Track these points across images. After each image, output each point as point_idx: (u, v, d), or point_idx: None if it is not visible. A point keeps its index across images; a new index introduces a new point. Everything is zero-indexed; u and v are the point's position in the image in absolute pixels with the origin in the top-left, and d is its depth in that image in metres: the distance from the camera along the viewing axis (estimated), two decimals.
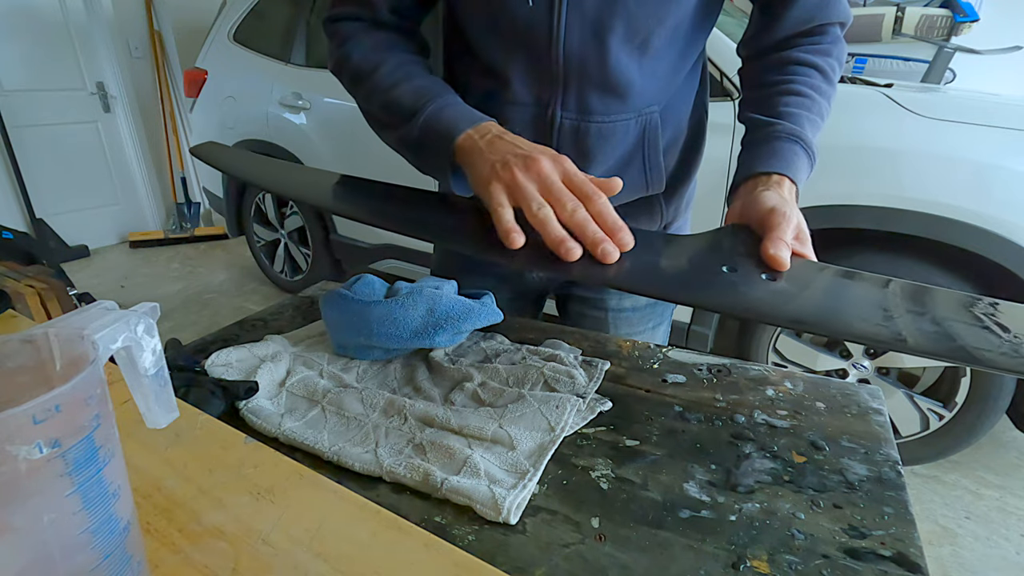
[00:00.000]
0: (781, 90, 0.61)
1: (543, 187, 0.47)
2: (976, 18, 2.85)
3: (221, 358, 0.58)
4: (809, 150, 0.59)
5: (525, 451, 0.46)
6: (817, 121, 0.60)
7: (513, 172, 0.47)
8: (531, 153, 0.49)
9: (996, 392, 1.44)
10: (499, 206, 0.48)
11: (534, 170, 0.47)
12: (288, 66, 2.43)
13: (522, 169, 0.47)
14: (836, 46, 0.63)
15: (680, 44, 0.63)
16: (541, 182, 0.47)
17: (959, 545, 1.41)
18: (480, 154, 0.52)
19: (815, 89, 0.61)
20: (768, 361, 1.69)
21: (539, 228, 0.46)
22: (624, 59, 0.60)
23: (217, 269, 3.37)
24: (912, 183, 1.35)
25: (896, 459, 0.47)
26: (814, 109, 0.60)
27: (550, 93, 0.63)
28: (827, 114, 0.62)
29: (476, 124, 0.54)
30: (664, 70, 0.63)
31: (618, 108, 0.63)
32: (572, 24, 0.58)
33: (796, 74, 0.62)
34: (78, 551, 0.24)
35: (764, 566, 0.36)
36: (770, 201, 0.53)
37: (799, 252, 0.51)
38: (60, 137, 3.48)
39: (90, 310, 0.29)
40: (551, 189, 0.47)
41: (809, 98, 0.60)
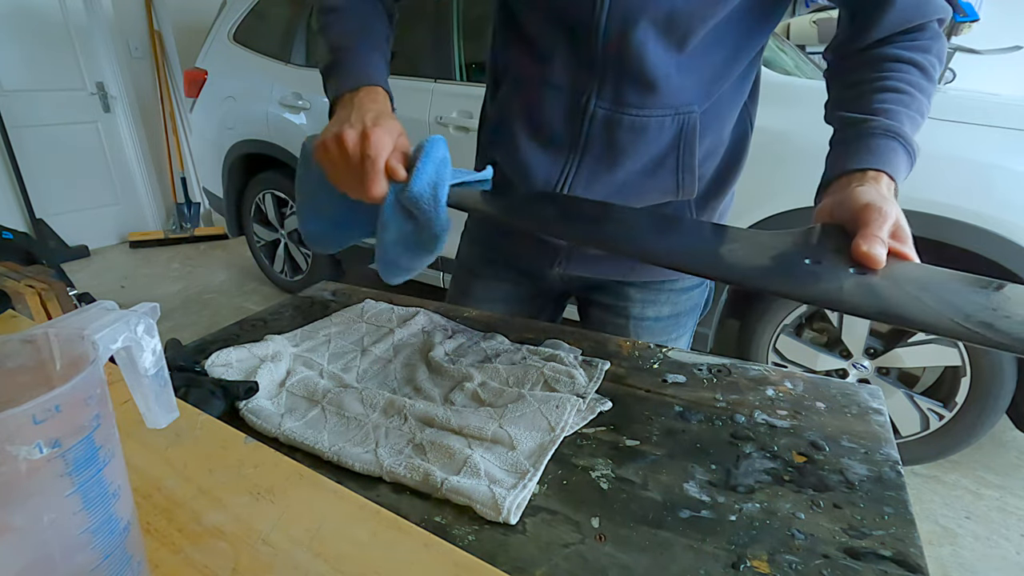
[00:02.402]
0: (876, 87, 0.57)
1: (344, 159, 0.54)
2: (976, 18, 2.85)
3: (221, 358, 0.58)
4: (909, 147, 0.55)
5: (525, 451, 0.46)
6: (917, 119, 0.56)
7: (328, 143, 0.55)
8: (347, 128, 0.54)
9: (996, 392, 1.44)
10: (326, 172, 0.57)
11: (340, 147, 0.54)
12: (288, 66, 2.43)
13: (334, 142, 0.54)
14: (936, 42, 0.59)
15: (727, 48, 0.61)
16: (343, 155, 0.54)
17: (959, 545, 1.41)
18: (336, 109, 0.59)
19: (914, 86, 0.57)
20: (768, 361, 1.69)
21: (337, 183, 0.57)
22: (661, 53, 0.58)
23: (217, 269, 3.37)
24: (912, 183, 1.34)
25: (896, 459, 0.47)
26: (913, 106, 0.56)
27: (587, 80, 0.61)
28: (927, 112, 0.58)
29: (357, 88, 0.59)
30: (707, 71, 0.61)
31: (653, 103, 0.61)
32: (615, 11, 0.57)
33: (893, 70, 0.57)
34: (78, 551, 0.24)
35: (764, 566, 0.36)
36: (865, 196, 0.49)
37: (898, 252, 0.47)
38: (60, 137, 3.48)
39: (90, 310, 0.29)
40: (348, 162, 0.54)
41: (908, 95, 0.56)
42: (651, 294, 0.79)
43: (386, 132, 0.53)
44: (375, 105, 0.57)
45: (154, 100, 3.85)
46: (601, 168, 0.65)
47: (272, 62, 2.48)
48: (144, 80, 3.78)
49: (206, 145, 2.90)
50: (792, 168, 1.42)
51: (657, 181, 0.65)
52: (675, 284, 0.79)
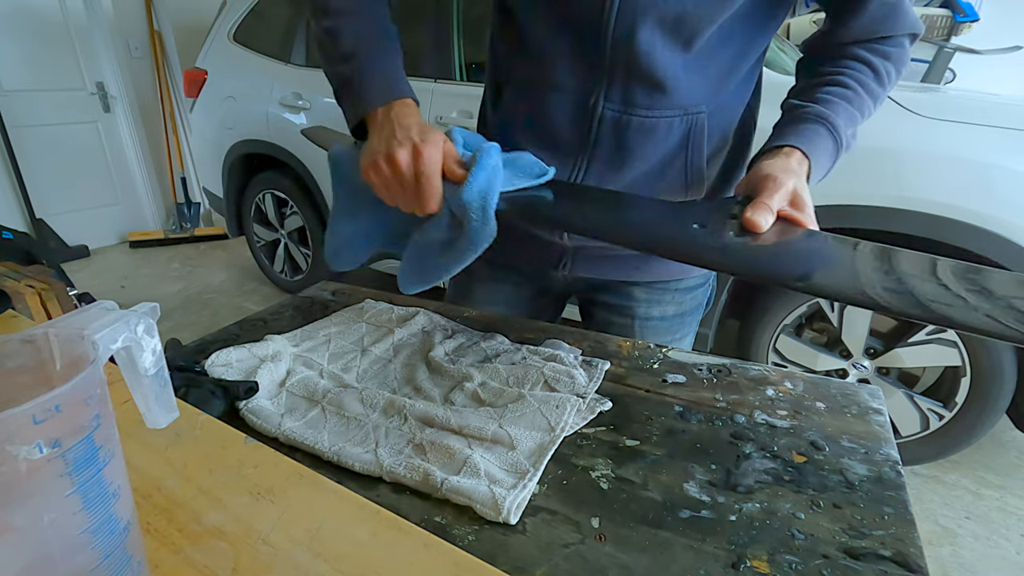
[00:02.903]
0: (826, 80, 0.61)
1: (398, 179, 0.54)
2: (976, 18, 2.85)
3: (221, 358, 0.58)
4: (836, 134, 0.57)
5: (525, 451, 0.46)
6: (855, 115, 0.59)
7: (379, 166, 0.55)
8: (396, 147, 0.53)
9: (996, 392, 1.44)
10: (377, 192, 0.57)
11: (393, 166, 0.54)
12: (288, 66, 2.43)
13: (385, 163, 0.54)
14: (899, 52, 0.61)
15: (734, 47, 0.61)
16: (396, 175, 0.54)
17: (959, 545, 1.41)
18: (371, 133, 0.57)
19: (862, 84, 0.59)
20: (768, 361, 1.69)
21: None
22: (668, 54, 0.58)
23: (217, 269, 3.37)
24: (912, 183, 1.35)
25: (896, 459, 0.47)
26: (855, 103, 0.59)
27: (594, 81, 0.61)
28: (869, 113, 0.61)
29: (385, 103, 0.57)
30: (715, 71, 0.61)
31: (662, 104, 0.61)
32: (625, 10, 0.56)
33: (847, 68, 0.60)
34: (78, 551, 0.24)
35: (764, 566, 0.36)
36: (768, 169, 0.53)
37: (792, 217, 0.52)
38: (60, 137, 3.48)
39: (90, 310, 0.29)
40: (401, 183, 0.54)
41: (852, 90, 0.59)
42: (656, 294, 0.79)
43: (435, 147, 0.53)
44: (413, 118, 0.56)
45: (154, 100, 3.85)
46: (609, 170, 0.65)
47: (272, 62, 2.48)
48: (144, 80, 3.78)
49: (206, 145, 2.90)
50: None
51: (665, 181, 0.65)
52: (680, 283, 0.79)
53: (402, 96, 0.58)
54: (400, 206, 0.56)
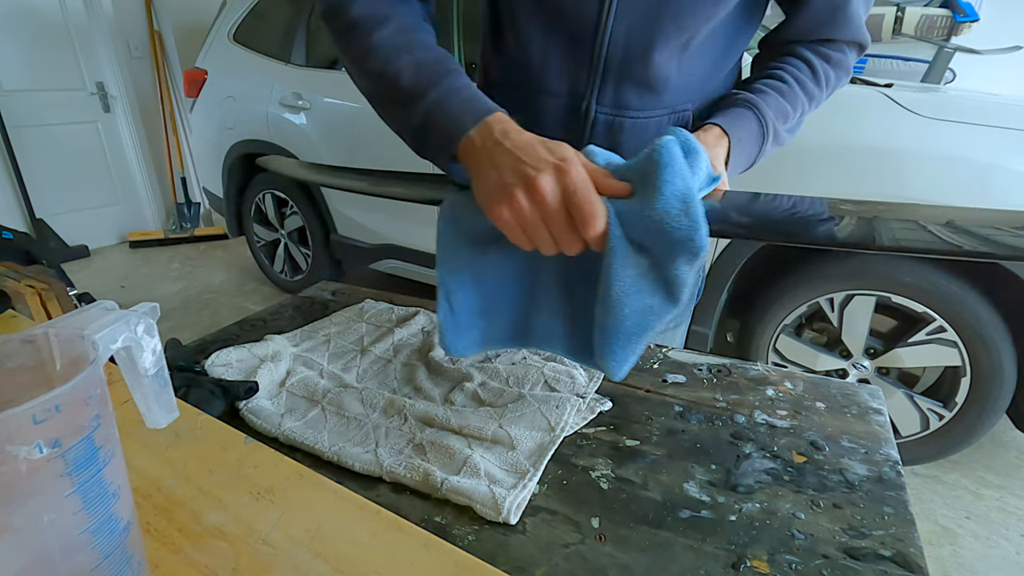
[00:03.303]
0: (765, 74, 0.63)
1: (544, 216, 0.43)
2: (976, 18, 2.85)
3: (221, 358, 0.58)
4: (762, 119, 0.58)
5: (525, 451, 0.46)
6: (785, 107, 0.60)
7: (517, 201, 0.43)
8: (533, 173, 0.42)
9: (996, 392, 1.44)
10: (514, 238, 0.45)
11: (537, 197, 0.42)
12: (288, 66, 2.43)
13: (525, 196, 0.43)
14: (840, 56, 0.63)
15: (721, 45, 0.62)
16: (543, 211, 0.43)
17: (959, 545, 1.41)
18: (482, 165, 0.46)
19: (797, 80, 0.61)
20: (768, 361, 1.69)
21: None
22: (666, 55, 0.59)
23: (217, 269, 3.37)
24: (912, 183, 1.35)
25: (896, 459, 0.47)
26: (787, 96, 0.60)
27: (586, 85, 0.61)
28: (802, 110, 0.62)
29: (479, 121, 0.48)
30: (702, 69, 0.62)
31: (653, 104, 0.61)
32: (621, 14, 0.56)
33: (787, 64, 0.62)
34: (78, 551, 0.24)
35: (764, 566, 0.36)
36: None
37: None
38: (60, 137, 3.48)
39: (90, 310, 0.29)
40: (549, 221, 0.43)
41: (787, 83, 0.61)
42: None
43: (577, 163, 0.42)
44: (526, 134, 0.46)
45: (154, 100, 3.85)
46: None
47: (272, 62, 2.48)
48: (144, 80, 3.79)
49: (206, 145, 2.90)
50: (792, 167, 1.42)
51: None
52: None
53: (492, 111, 0.49)
54: (543, 247, 0.44)
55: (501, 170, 0.44)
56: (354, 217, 2.39)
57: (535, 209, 0.42)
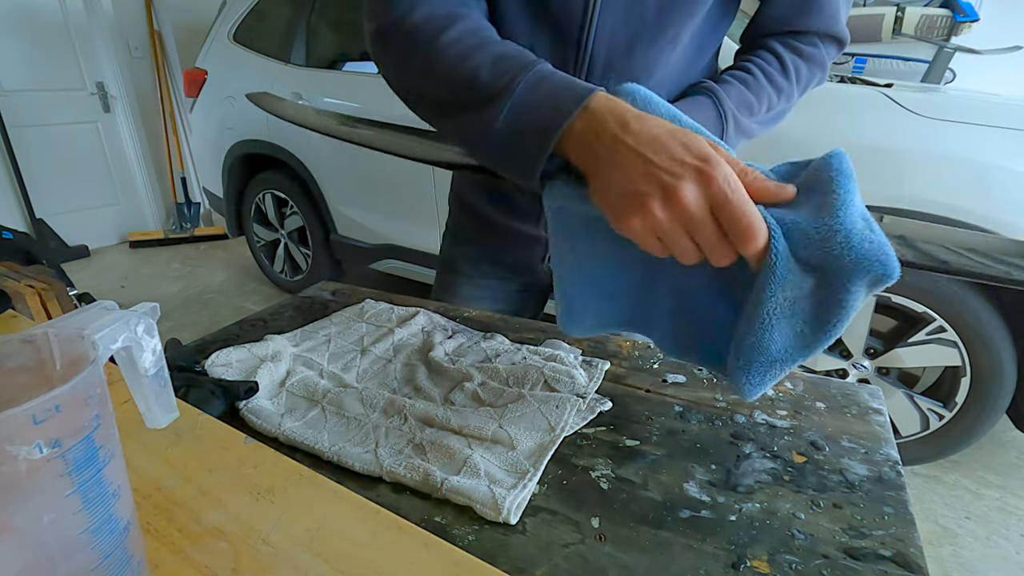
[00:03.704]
0: (735, 66, 0.63)
1: (688, 227, 0.37)
2: (976, 18, 2.85)
3: (221, 358, 0.58)
4: (720, 108, 0.58)
5: (525, 451, 0.46)
6: (749, 98, 0.60)
7: (652, 212, 0.37)
8: (671, 181, 0.36)
9: (996, 392, 1.44)
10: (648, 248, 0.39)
11: (677, 209, 0.36)
12: (288, 66, 2.43)
13: (662, 207, 0.37)
14: (812, 50, 0.63)
15: (699, 39, 0.63)
16: (686, 222, 0.37)
17: (959, 545, 1.41)
18: (600, 167, 0.40)
19: (764, 73, 0.61)
20: None
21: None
22: (653, 51, 0.59)
23: (217, 269, 3.37)
24: (912, 183, 1.35)
25: (896, 459, 0.47)
26: (752, 87, 0.60)
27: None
28: (772, 102, 0.62)
29: (580, 106, 0.42)
30: (682, 64, 0.63)
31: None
32: (606, 10, 0.57)
33: (756, 57, 0.63)
34: (78, 551, 0.24)
35: (764, 566, 0.36)
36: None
37: None
38: (60, 137, 3.48)
39: (90, 310, 0.29)
40: (695, 233, 0.37)
41: (752, 75, 0.61)
42: None
43: (722, 163, 0.36)
44: (647, 122, 0.39)
45: (154, 100, 3.85)
46: None
47: (272, 62, 2.48)
48: (144, 80, 3.79)
49: (206, 145, 2.90)
50: None
51: None
52: None
53: (593, 90, 0.42)
54: (685, 258, 0.38)
55: (629, 175, 0.38)
56: (354, 217, 2.39)
57: (675, 222, 0.37)
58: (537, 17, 0.60)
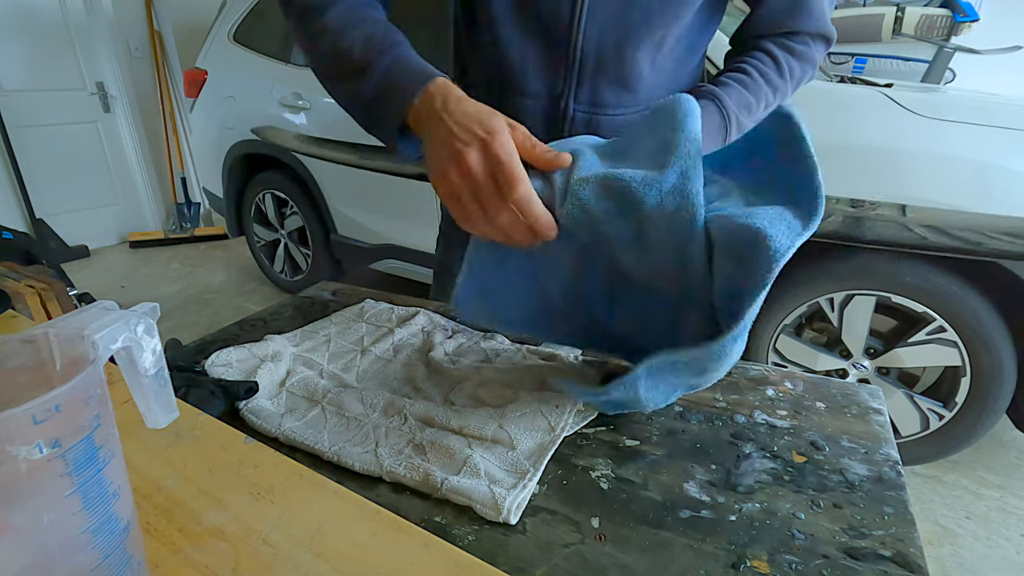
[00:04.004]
0: (731, 67, 0.65)
1: (472, 187, 0.45)
2: (976, 18, 2.85)
3: (221, 358, 0.58)
4: (724, 110, 0.60)
5: (525, 451, 0.46)
6: (748, 99, 0.62)
7: (447, 175, 0.45)
8: (462, 148, 0.44)
9: (996, 392, 1.44)
10: (455, 214, 0.47)
11: (463, 169, 0.44)
12: (288, 66, 2.43)
13: (454, 171, 0.45)
14: (804, 48, 0.64)
15: (688, 41, 0.64)
16: (469, 183, 0.45)
17: (959, 545, 1.41)
18: (424, 139, 0.48)
19: (761, 73, 0.63)
20: (768, 361, 1.69)
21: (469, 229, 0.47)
22: (641, 53, 0.61)
23: (217, 269, 3.37)
24: (912, 183, 1.35)
25: (896, 459, 0.47)
26: (751, 88, 0.62)
27: (564, 85, 0.63)
28: (767, 101, 0.64)
29: (422, 88, 0.48)
30: (672, 65, 0.65)
31: (629, 101, 0.64)
32: (593, 14, 0.58)
33: (751, 58, 0.64)
34: (78, 551, 0.24)
35: (764, 566, 0.36)
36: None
37: None
38: (60, 137, 3.48)
39: (90, 310, 0.29)
40: (477, 192, 0.45)
41: (750, 76, 0.63)
42: None
43: (505, 129, 0.44)
44: (465, 103, 0.46)
45: (154, 100, 3.85)
46: None
47: (272, 62, 2.48)
48: (144, 80, 3.78)
49: (206, 145, 2.90)
50: None
51: None
52: None
53: (433, 77, 0.49)
54: (478, 223, 0.46)
55: (437, 142, 0.46)
56: (354, 217, 2.39)
57: (464, 183, 0.44)
58: (527, 22, 0.61)
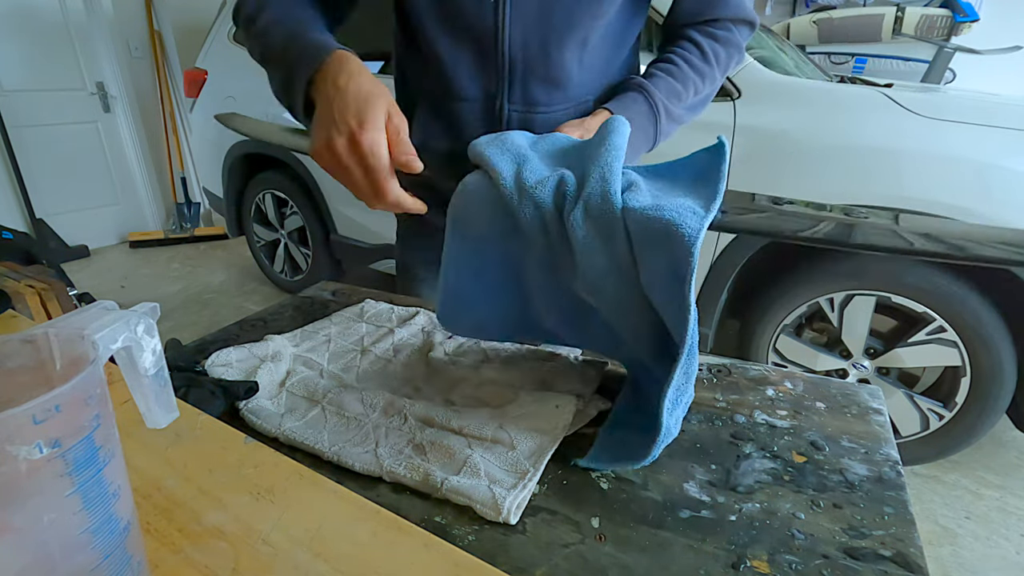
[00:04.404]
0: (659, 59, 0.68)
1: (340, 170, 0.51)
2: (976, 18, 2.86)
3: (221, 358, 0.58)
4: (651, 100, 0.64)
5: (525, 451, 0.46)
6: (677, 88, 0.65)
7: (321, 155, 0.51)
8: (335, 134, 0.49)
9: (996, 392, 1.44)
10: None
11: (333, 153, 0.50)
12: None
13: (326, 153, 0.50)
14: (727, 34, 0.68)
15: (614, 37, 0.67)
16: (338, 166, 0.50)
17: (959, 545, 1.41)
18: (317, 109, 0.52)
19: (687, 61, 0.66)
20: (768, 361, 1.69)
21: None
22: (567, 52, 0.63)
23: (217, 269, 3.37)
24: (912, 183, 1.35)
25: (896, 459, 0.47)
26: (678, 76, 0.66)
27: (496, 87, 0.66)
28: (698, 88, 0.67)
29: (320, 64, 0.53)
30: (599, 63, 0.67)
31: (559, 99, 0.67)
32: (515, 19, 0.61)
33: (678, 48, 0.68)
34: (78, 551, 0.24)
35: (764, 566, 0.36)
36: (566, 126, 0.61)
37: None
38: (60, 137, 3.48)
39: (90, 310, 0.29)
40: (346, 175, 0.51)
41: (676, 66, 0.66)
42: None
43: (376, 122, 0.48)
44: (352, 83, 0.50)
45: (154, 100, 3.85)
46: None
47: None
48: (144, 80, 3.78)
49: (206, 145, 2.90)
50: (793, 167, 1.43)
51: None
52: None
53: (332, 50, 0.53)
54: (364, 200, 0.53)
55: (317, 125, 0.51)
56: (354, 217, 2.39)
57: (333, 163, 0.50)
58: (456, 31, 0.64)
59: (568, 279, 0.50)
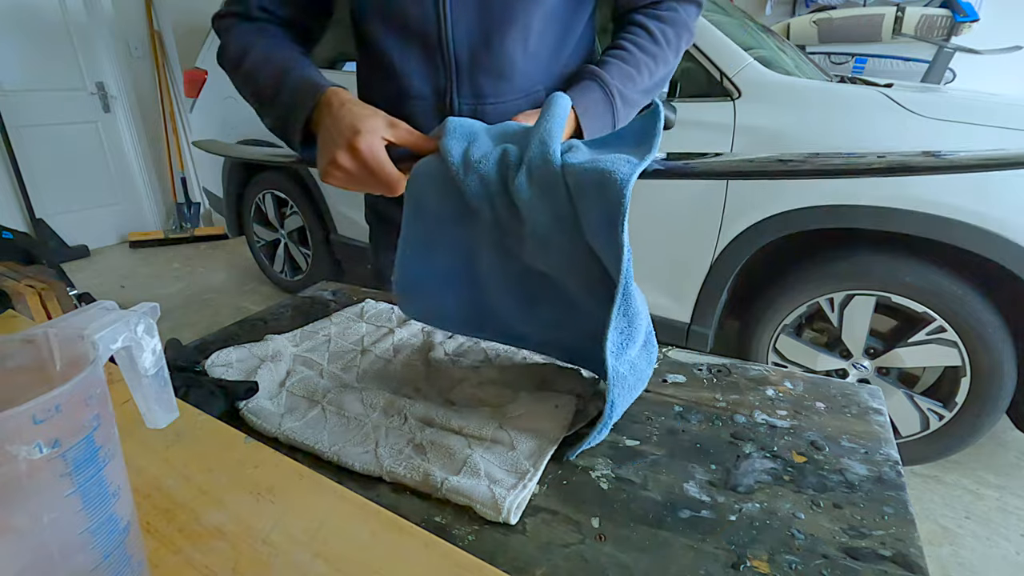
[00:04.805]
0: (609, 47, 0.69)
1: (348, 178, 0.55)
2: (976, 18, 2.86)
3: (221, 358, 0.58)
4: (605, 86, 0.64)
5: (525, 451, 0.46)
6: (631, 72, 0.66)
7: (331, 174, 0.55)
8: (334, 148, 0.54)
9: (996, 392, 1.44)
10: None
11: (338, 165, 0.54)
12: None
13: (334, 171, 0.55)
14: (672, 14, 0.69)
15: (559, 26, 0.68)
16: (346, 175, 0.55)
17: (959, 545, 1.41)
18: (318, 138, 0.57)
19: (637, 45, 0.67)
20: (768, 361, 1.69)
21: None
22: (509, 43, 0.64)
23: (217, 269, 3.37)
24: (912, 183, 1.35)
25: (896, 459, 0.47)
26: (630, 62, 0.66)
27: (446, 83, 0.67)
28: (652, 71, 0.68)
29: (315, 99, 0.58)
30: (545, 52, 0.68)
31: (507, 90, 0.68)
32: (457, 14, 0.63)
33: (627, 33, 0.69)
34: (78, 551, 0.24)
35: (764, 566, 0.36)
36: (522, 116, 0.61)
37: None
38: (60, 137, 3.48)
39: (90, 310, 0.29)
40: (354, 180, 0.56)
41: (628, 51, 0.67)
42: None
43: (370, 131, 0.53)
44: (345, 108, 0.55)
45: (154, 100, 3.85)
46: None
47: None
48: (144, 80, 3.78)
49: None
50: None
51: None
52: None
53: (324, 88, 0.58)
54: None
55: (319, 150, 0.56)
56: (354, 217, 2.39)
57: (341, 175, 0.55)
58: (402, 32, 0.65)
59: (517, 250, 0.52)
